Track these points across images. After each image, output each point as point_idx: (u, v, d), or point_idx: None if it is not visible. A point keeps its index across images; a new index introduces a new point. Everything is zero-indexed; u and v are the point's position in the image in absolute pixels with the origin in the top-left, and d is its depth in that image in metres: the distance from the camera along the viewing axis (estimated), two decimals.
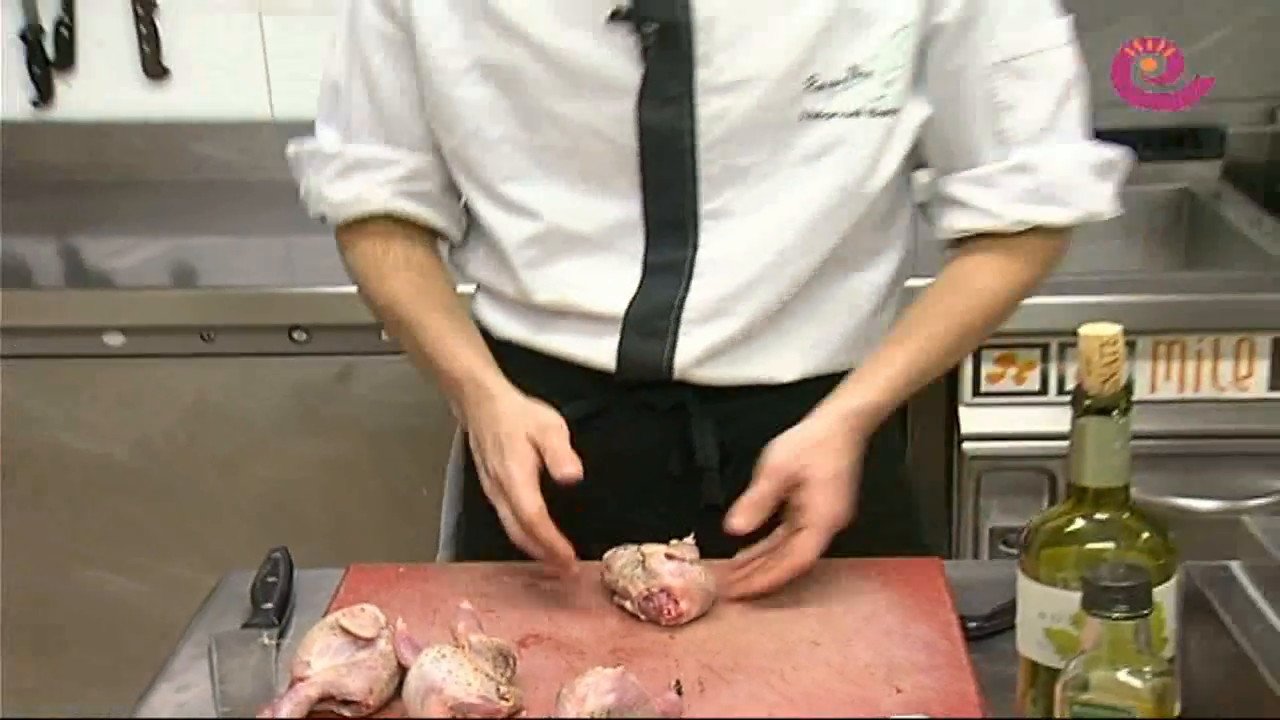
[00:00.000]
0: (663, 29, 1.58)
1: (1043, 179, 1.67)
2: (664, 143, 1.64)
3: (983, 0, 1.62)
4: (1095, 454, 1.27)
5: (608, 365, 1.71)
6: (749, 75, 1.61)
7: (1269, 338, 2.50)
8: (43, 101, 3.24)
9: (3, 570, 2.71)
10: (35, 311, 2.66)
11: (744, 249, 1.68)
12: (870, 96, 1.63)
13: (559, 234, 1.70)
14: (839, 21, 1.59)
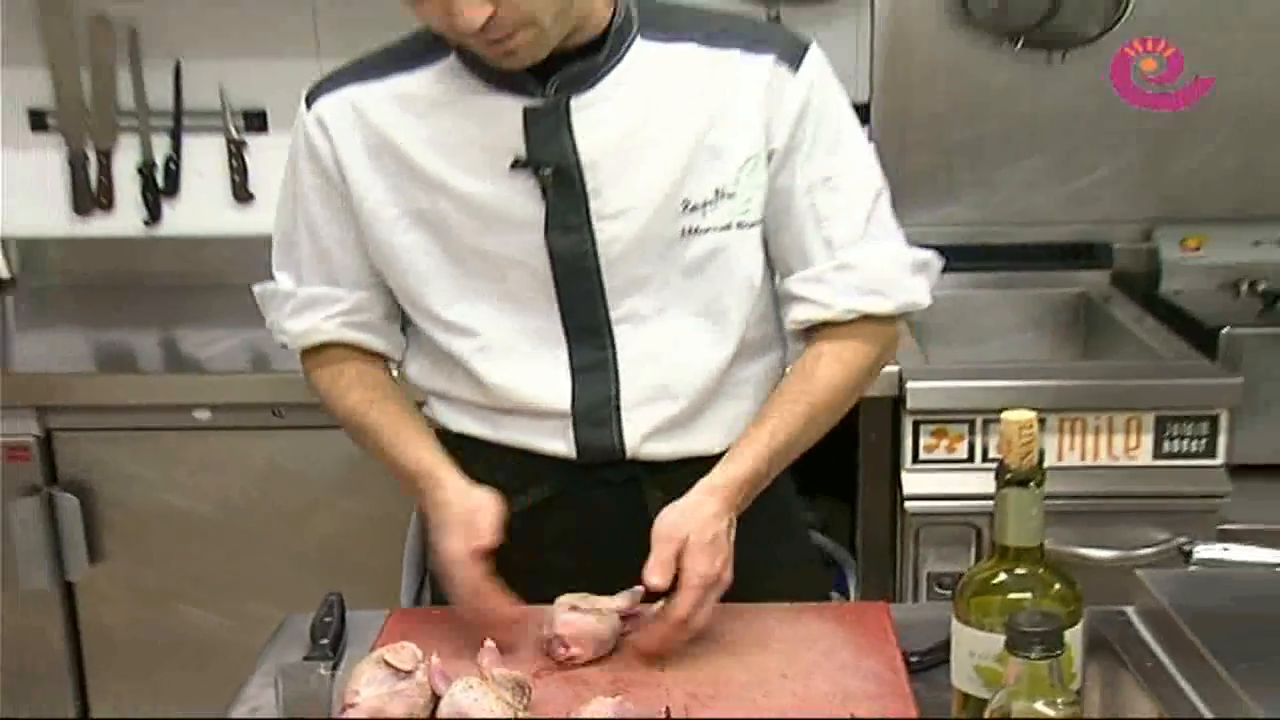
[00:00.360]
0: (556, 171, 1.58)
1: (865, 275, 1.66)
2: (571, 264, 1.62)
3: (802, 132, 1.62)
4: (1015, 519, 1.27)
5: (569, 454, 1.69)
6: (633, 204, 1.60)
7: (1152, 415, 2.50)
8: (152, 221, 3.24)
9: (112, 606, 2.72)
10: (139, 391, 2.66)
11: (657, 347, 1.68)
12: (736, 212, 1.63)
13: (496, 347, 1.68)
14: (698, 156, 1.60)
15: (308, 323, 1.74)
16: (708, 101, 1.60)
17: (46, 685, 2.75)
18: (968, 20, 3.06)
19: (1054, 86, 3.11)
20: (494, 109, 1.58)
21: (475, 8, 1.42)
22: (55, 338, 3.08)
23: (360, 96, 1.65)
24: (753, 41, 1.62)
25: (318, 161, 1.67)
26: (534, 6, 1.45)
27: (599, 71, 1.58)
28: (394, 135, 1.63)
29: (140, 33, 3.16)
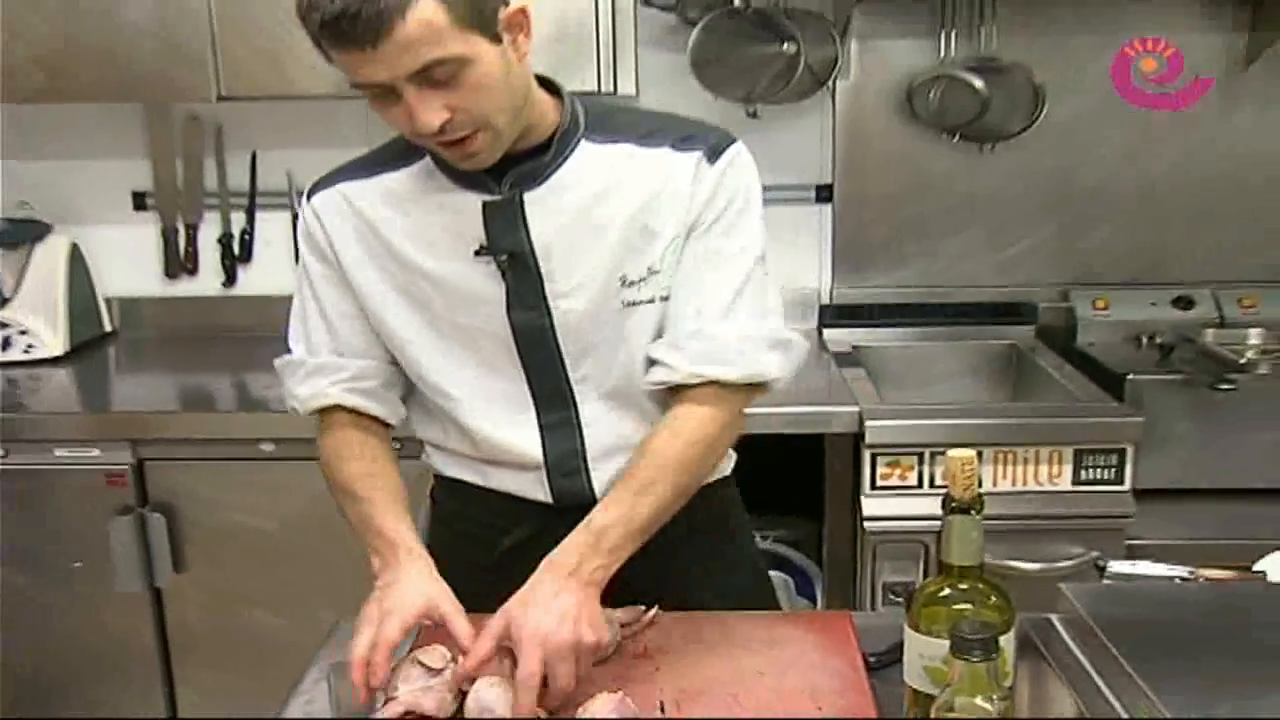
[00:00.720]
0: (512, 257, 1.55)
1: (716, 345, 1.57)
2: (531, 336, 1.59)
3: (705, 214, 1.57)
4: (959, 542, 1.26)
5: (546, 499, 1.67)
6: (581, 283, 1.57)
7: (1071, 448, 2.49)
8: (229, 283, 3.25)
9: (193, 608, 2.70)
10: (216, 427, 2.65)
11: (612, 405, 1.64)
12: (662, 286, 1.59)
13: (476, 407, 1.64)
14: (634, 239, 1.56)
15: (314, 388, 1.67)
16: (640, 192, 1.56)
17: (139, 673, 2.74)
18: (913, 118, 3.06)
19: (985, 172, 3.11)
20: (460, 203, 1.55)
21: (432, 113, 1.39)
22: (148, 381, 3.08)
23: (351, 191, 1.61)
24: (681, 140, 1.58)
25: (318, 247, 1.64)
26: (486, 110, 1.42)
27: (547, 169, 1.55)
28: (379, 224, 1.59)
29: (224, 129, 3.17)
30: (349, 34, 1.32)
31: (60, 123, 3.10)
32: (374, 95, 1.41)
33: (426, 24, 1.33)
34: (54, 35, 2.68)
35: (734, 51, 2.92)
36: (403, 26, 1.32)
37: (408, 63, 1.35)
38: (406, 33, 1.32)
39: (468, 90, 1.39)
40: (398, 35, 1.32)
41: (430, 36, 1.34)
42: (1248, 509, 2.60)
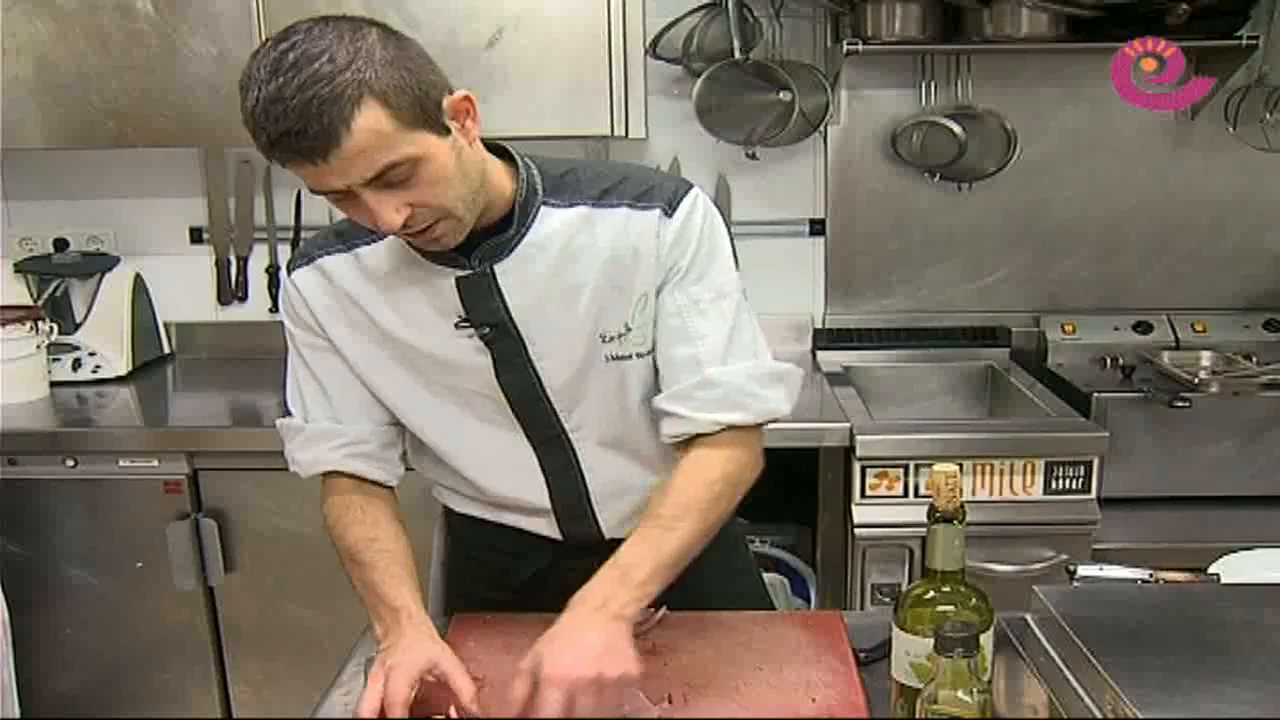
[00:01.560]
0: (493, 327, 1.46)
1: (726, 390, 1.48)
2: (523, 395, 1.51)
3: (676, 266, 1.48)
4: (943, 549, 1.25)
5: (557, 537, 1.62)
6: (562, 344, 1.49)
7: (1042, 460, 2.48)
8: (275, 309, 3.23)
9: (243, 605, 2.70)
10: (264, 441, 2.57)
11: (608, 448, 1.57)
12: (635, 345, 1.50)
13: (476, 461, 1.59)
14: (606, 296, 1.48)
15: (314, 454, 1.57)
16: (604, 252, 1.46)
17: (195, 663, 2.73)
18: (898, 159, 3.06)
19: (963, 208, 3.11)
20: (434, 278, 1.45)
21: (393, 212, 1.29)
22: (202, 399, 3.07)
23: (329, 266, 1.51)
24: (637, 198, 1.47)
25: (303, 321, 1.54)
26: (444, 202, 1.33)
27: (512, 242, 1.44)
28: (360, 300, 1.50)
29: (272, 170, 3.17)
30: (299, 150, 1.23)
31: (127, 166, 3.12)
32: (334, 199, 1.32)
33: (373, 132, 1.23)
34: (125, 89, 2.70)
35: (735, 99, 2.92)
36: (349, 138, 1.22)
37: (361, 170, 1.25)
38: (355, 143, 1.23)
39: (424, 186, 1.30)
40: (346, 147, 1.23)
41: (379, 142, 1.24)
42: (1202, 515, 2.60)
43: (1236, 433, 2.62)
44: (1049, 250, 3.14)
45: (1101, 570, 1.54)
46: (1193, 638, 1.27)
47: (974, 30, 2.81)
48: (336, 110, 1.21)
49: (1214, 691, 1.14)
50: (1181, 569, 1.54)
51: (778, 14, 2.94)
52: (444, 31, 2.64)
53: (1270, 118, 2.91)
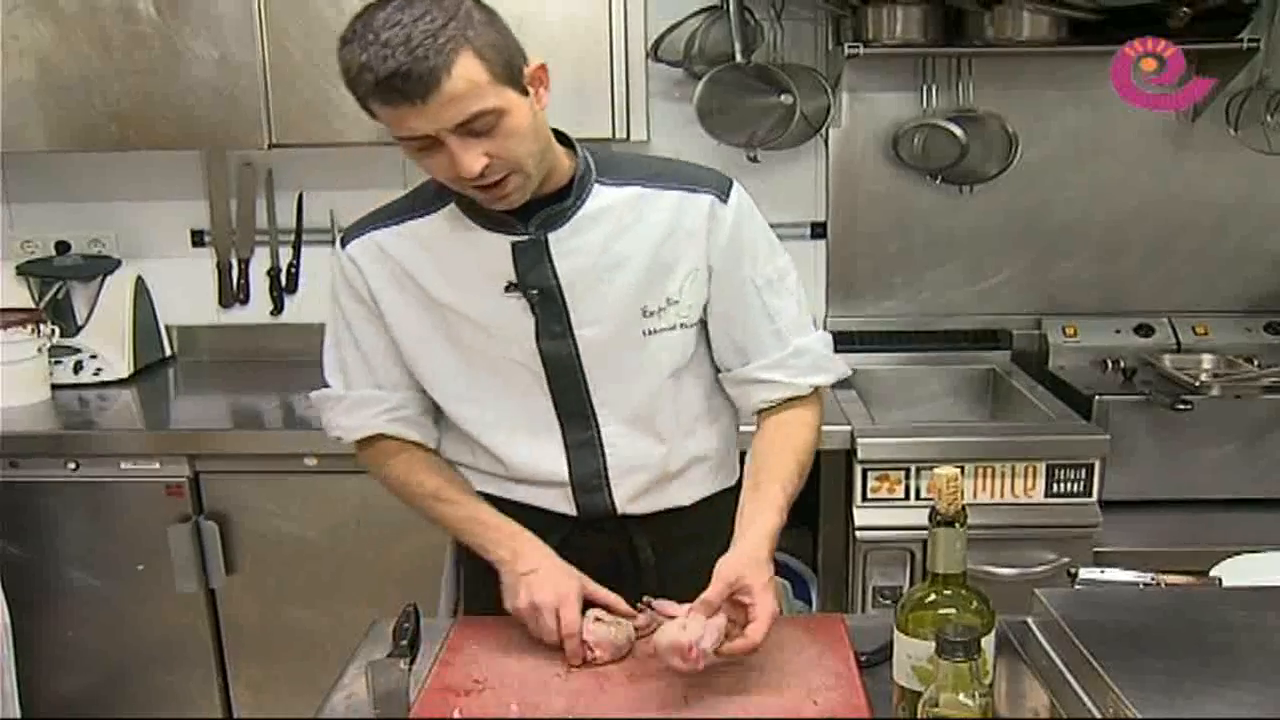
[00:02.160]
0: (541, 292, 1.56)
1: (813, 358, 1.66)
2: (559, 363, 1.60)
3: (738, 248, 1.61)
4: (944, 552, 1.25)
5: (571, 512, 1.66)
6: (603, 314, 1.58)
7: (1044, 463, 2.48)
8: (277, 311, 3.24)
9: (244, 607, 2.70)
10: (264, 443, 2.65)
11: (632, 425, 1.64)
12: (681, 316, 1.61)
13: (503, 429, 1.65)
14: (653, 271, 1.58)
15: (359, 419, 1.68)
16: (655, 230, 1.58)
17: (196, 665, 2.73)
18: (899, 162, 3.06)
19: (964, 211, 3.11)
20: (488, 244, 1.56)
21: (474, 159, 1.40)
22: (203, 402, 3.07)
23: (382, 238, 1.61)
24: (689, 183, 1.60)
25: (355, 290, 1.63)
26: (519, 156, 1.44)
27: (569, 212, 1.56)
28: (411, 267, 1.60)
29: (274, 173, 3.18)
30: (402, 91, 1.34)
31: (129, 168, 3.12)
32: (416, 146, 1.42)
33: (468, 80, 1.36)
34: (127, 91, 2.70)
35: (736, 102, 2.92)
36: (449, 82, 1.35)
37: (452, 115, 1.37)
38: (452, 88, 1.35)
39: (503, 138, 1.41)
40: (444, 90, 1.35)
41: (472, 90, 1.37)
42: (1204, 518, 2.60)
43: (1238, 435, 2.61)
44: (1050, 253, 3.14)
45: (1103, 573, 1.54)
46: (1194, 641, 1.27)
47: (975, 33, 2.82)
48: (440, 58, 1.34)
49: (1216, 695, 1.14)
50: (1183, 572, 1.54)
51: (779, 17, 2.94)
52: None
53: (1271, 120, 2.91)
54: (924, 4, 2.79)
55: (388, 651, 1.50)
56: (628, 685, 1.44)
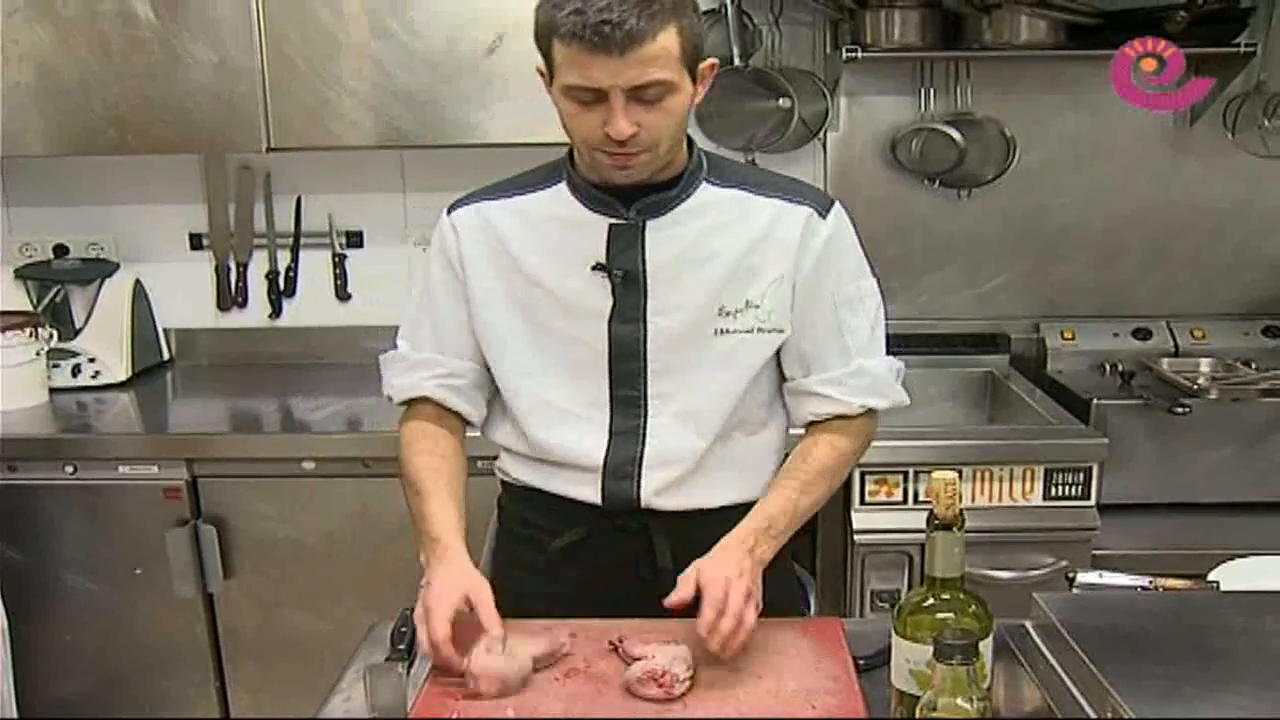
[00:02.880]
0: (626, 275, 1.61)
1: (872, 379, 1.68)
2: (625, 348, 1.64)
3: (824, 262, 1.65)
4: (942, 556, 1.25)
5: (596, 500, 1.67)
6: (680, 305, 1.62)
7: (1042, 467, 2.48)
8: (275, 315, 3.24)
9: (242, 611, 2.69)
10: (262, 447, 2.64)
11: (679, 420, 1.66)
12: (759, 320, 1.64)
13: (554, 409, 1.68)
14: (738, 272, 1.62)
15: (411, 380, 1.74)
16: (749, 233, 1.62)
17: (194, 669, 2.72)
18: (897, 166, 3.07)
19: (962, 215, 3.11)
20: (587, 224, 1.62)
21: (628, 124, 1.46)
22: (202, 405, 3.07)
23: (488, 208, 1.68)
24: (791, 194, 1.65)
25: (447, 257, 1.70)
26: (664, 132, 1.50)
27: (671, 203, 1.61)
28: (508, 238, 1.66)
29: (273, 176, 3.17)
30: (608, 38, 1.40)
31: (127, 172, 3.12)
32: (577, 98, 1.48)
33: (665, 48, 1.44)
34: (126, 95, 2.70)
35: (735, 105, 2.93)
36: (651, 44, 1.42)
37: (637, 74, 1.44)
38: (650, 50, 1.42)
39: (660, 112, 1.48)
40: (644, 50, 1.42)
41: (663, 57, 1.44)
42: (1202, 521, 2.60)
43: (1236, 439, 2.61)
44: (1048, 256, 3.14)
45: (1101, 577, 1.54)
46: (1192, 645, 1.27)
47: (973, 37, 2.82)
48: (653, 21, 1.42)
49: (1214, 698, 1.14)
50: (1181, 575, 1.55)
51: (777, 21, 2.95)
52: (444, 39, 2.64)
53: (1268, 124, 2.92)
54: (922, 8, 2.80)
55: (385, 655, 1.50)
56: (624, 691, 1.43)
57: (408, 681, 1.43)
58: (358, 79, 2.67)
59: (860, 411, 1.68)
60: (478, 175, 1.80)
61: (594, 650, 1.53)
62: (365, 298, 3.21)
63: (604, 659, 1.51)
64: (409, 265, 3.14)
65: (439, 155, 2.92)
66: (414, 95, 2.68)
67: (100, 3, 2.66)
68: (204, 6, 2.65)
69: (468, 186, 1.79)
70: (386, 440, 2.55)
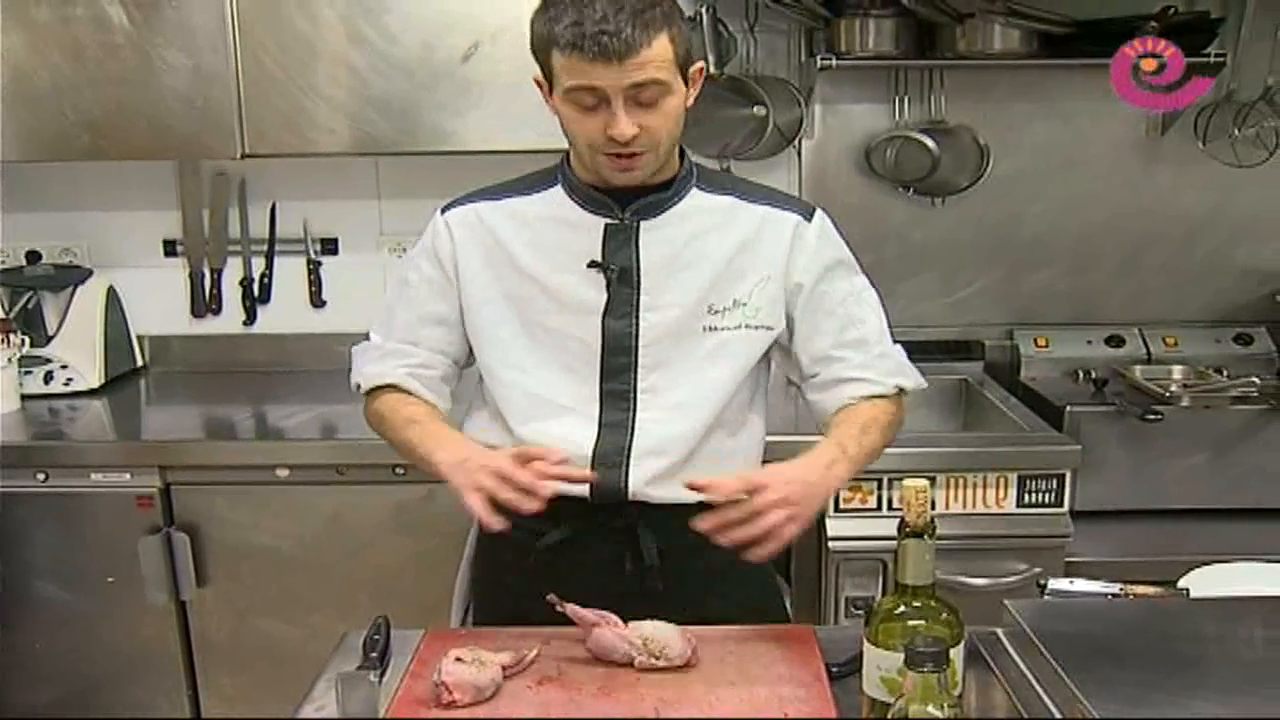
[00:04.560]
0: (621, 272, 1.66)
1: (898, 363, 1.76)
2: (616, 343, 1.68)
3: (820, 264, 1.72)
4: (913, 564, 1.26)
5: (583, 493, 1.66)
6: (671, 302, 1.68)
7: (1015, 473, 2.48)
8: (249, 322, 3.22)
9: (215, 619, 2.67)
10: (236, 454, 2.63)
11: (669, 412, 1.69)
12: (747, 317, 1.70)
13: (543, 402, 1.71)
14: (725, 273, 1.69)
15: (382, 367, 1.76)
16: (738, 236, 1.69)
17: (166, 678, 2.70)
18: (872, 174, 3.08)
19: (936, 223, 3.12)
20: (583, 224, 1.68)
21: (630, 125, 1.53)
22: (175, 412, 3.05)
23: (484, 209, 1.74)
24: (778, 202, 1.74)
25: (438, 256, 1.74)
26: (662, 134, 1.57)
27: (664, 205, 1.68)
28: (503, 236, 1.71)
29: (247, 183, 3.16)
30: (606, 47, 1.48)
31: (100, 178, 3.10)
32: (579, 103, 1.55)
33: (660, 54, 1.52)
34: (99, 101, 2.68)
35: (710, 113, 2.93)
36: (646, 50, 1.50)
37: (635, 76, 1.51)
38: (646, 56, 1.50)
39: (659, 114, 1.56)
40: (640, 56, 1.50)
41: (658, 62, 1.52)
42: (1173, 528, 2.61)
43: (1207, 446, 2.63)
44: (1022, 264, 3.16)
45: (1072, 584, 1.54)
46: (1162, 652, 1.28)
47: (947, 46, 2.83)
48: (647, 29, 1.50)
49: (1182, 705, 1.15)
50: (1153, 582, 1.55)
51: (752, 29, 2.96)
52: (420, 45, 2.64)
53: (1239, 134, 2.94)
54: (896, 17, 2.81)
55: (358, 664, 1.49)
56: (599, 697, 1.43)
57: (379, 690, 1.42)
58: (333, 86, 2.66)
59: (893, 391, 1.74)
60: (453, 182, 1.80)
61: (567, 658, 1.53)
62: (340, 305, 3.19)
63: (577, 666, 1.51)
64: (384, 272, 3.13)
65: (414, 162, 2.91)
66: (389, 102, 2.67)
67: (74, 8, 2.64)
68: (179, 12, 2.64)
69: (443, 193, 1.78)
70: (361, 447, 2.56)
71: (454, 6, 2.63)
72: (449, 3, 2.63)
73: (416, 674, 1.50)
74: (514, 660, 1.50)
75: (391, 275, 3.14)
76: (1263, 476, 2.63)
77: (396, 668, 1.51)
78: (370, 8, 2.62)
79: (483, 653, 1.46)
